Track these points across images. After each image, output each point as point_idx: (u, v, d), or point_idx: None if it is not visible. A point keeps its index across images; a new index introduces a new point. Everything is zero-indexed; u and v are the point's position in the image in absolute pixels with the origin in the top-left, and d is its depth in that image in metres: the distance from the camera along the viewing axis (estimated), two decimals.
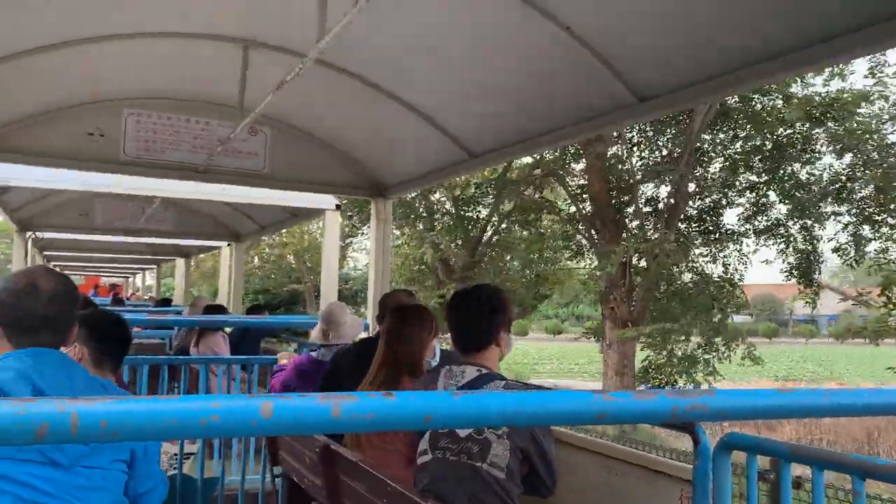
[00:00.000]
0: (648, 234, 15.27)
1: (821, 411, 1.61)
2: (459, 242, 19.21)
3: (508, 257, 19.90)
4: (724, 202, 16.15)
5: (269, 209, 8.13)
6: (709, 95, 2.72)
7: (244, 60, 3.58)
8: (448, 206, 19.59)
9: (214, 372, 5.03)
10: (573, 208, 17.76)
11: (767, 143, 14.74)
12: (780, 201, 15.31)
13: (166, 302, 11.86)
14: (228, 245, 10.10)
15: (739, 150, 15.46)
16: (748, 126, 14.77)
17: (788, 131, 14.42)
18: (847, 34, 2.17)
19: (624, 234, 15.74)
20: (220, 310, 7.40)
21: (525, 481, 2.42)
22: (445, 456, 2.39)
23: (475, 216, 19.51)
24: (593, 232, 16.44)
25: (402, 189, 4.93)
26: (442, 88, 3.83)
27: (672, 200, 15.57)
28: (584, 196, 16.96)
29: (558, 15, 2.80)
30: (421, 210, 19.58)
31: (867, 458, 2.01)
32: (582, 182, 17.30)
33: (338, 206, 6.98)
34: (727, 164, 15.53)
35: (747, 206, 16.01)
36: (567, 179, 17.29)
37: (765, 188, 15.38)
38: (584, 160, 16.48)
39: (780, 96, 14.09)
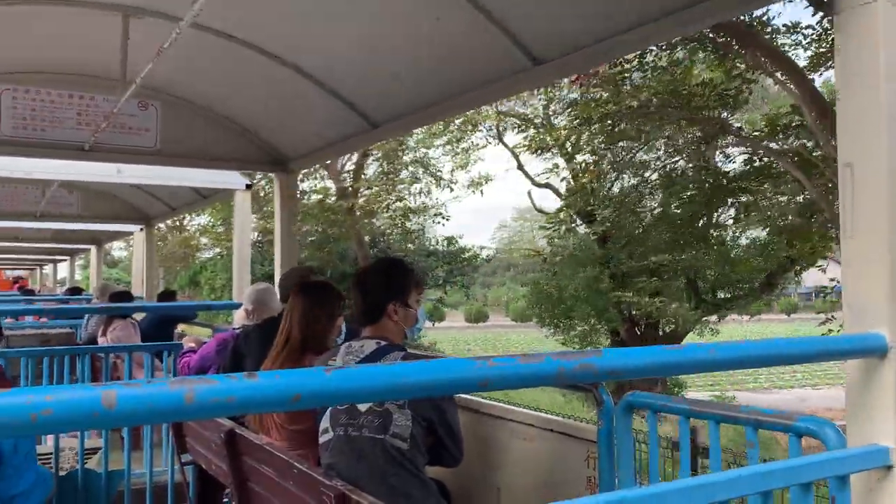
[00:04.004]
0: None
1: (708, 365, 1.63)
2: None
3: None
4: None
5: (177, 190, 7.77)
6: (600, 57, 2.72)
7: (124, 29, 3.35)
8: None
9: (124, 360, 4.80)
10: None
11: None
12: None
13: (76, 291, 11.39)
14: (141, 229, 9.77)
15: None
16: None
17: None
18: None
19: None
20: (127, 296, 7.11)
21: (431, 452, 2.40)
22: (347, 432, 2.35)
23: None
24: None
25: (304, 162, 4.77)
26: (339, 56, 3.70)
27: None
28: None
29: None
30: None
31: (759, 409, 2.07)
32: None
33: (248, 186, 6.64)
34: None
35: None
36: None
37: None
38: None
39: None
